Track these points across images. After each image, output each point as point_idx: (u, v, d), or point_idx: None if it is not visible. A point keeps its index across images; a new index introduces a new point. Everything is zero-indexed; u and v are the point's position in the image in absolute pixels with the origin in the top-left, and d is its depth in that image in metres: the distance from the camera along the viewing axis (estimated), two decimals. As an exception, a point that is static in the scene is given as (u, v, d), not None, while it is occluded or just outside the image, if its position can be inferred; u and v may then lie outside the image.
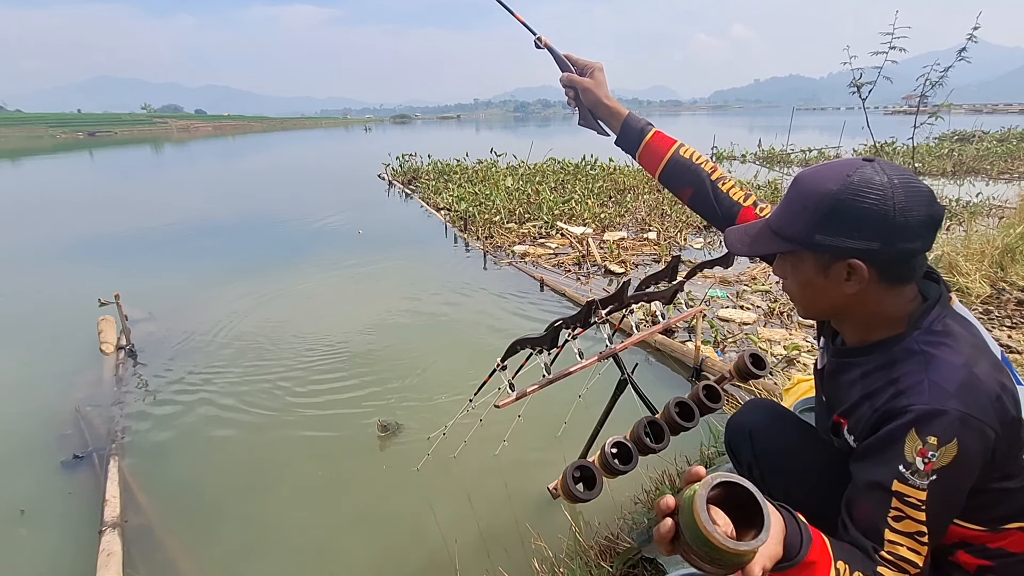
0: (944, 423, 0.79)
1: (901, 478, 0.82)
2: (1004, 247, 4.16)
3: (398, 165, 13.52)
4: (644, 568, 1.60)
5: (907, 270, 0.88)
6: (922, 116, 5.11)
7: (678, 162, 1.25)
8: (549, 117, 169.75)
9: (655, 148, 1.26)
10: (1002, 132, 17.21)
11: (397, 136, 40.57)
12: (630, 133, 1.29)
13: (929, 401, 0.81)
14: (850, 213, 0.85)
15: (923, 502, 0.81)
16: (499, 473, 2.41)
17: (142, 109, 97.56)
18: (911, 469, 0.81)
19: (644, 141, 1.27)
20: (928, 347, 0.86)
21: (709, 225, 7.24)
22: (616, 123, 1.30)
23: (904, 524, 0.82)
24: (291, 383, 3.29)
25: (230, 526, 2.24)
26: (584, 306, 1.89)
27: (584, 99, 1.31)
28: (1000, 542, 0.92)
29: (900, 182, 0.84)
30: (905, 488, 0.81)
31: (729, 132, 22.48)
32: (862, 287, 0.89)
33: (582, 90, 1.30)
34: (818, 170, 0.91)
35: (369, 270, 5.70)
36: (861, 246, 0.85)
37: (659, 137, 1.27)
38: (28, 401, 3.17)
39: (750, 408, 1.24)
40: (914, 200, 0.83)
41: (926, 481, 0.80)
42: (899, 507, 0.82)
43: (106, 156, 27.53)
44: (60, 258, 6.59)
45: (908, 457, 0.81)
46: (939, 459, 0.79)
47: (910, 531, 0.82)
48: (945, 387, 0.81)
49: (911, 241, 0.84)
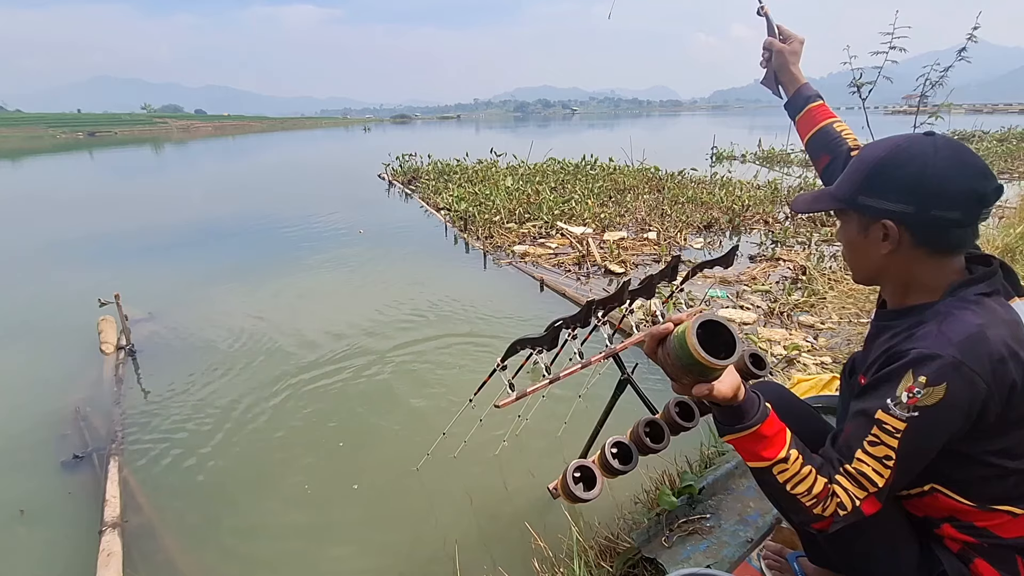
0: (936, 365, 0.83)
1: (885, 408, 0.87)
2: (1004, 247, 4.16)
3: (398, 165, 13.52)
4: (644, 568, 1.60)
5: (944, 239, 0.91)
6: (922, 116, 5.10)
7: (827, 132, 1.35)
8: (549, 117, 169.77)
9: (813, 116, 1.38)
10: (1002, 132, 17.23)
11: (397, 136, 40.56)
12: (798, 100, 1.42)
13: (930, 346, 0.85)
14: (889, 176, 0.91)
15: (899, 431, 0.85)
16: (499, 473, 2.41)
17: (142, 109, 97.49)
18: (896, 402, 0.86)
19: (806, 108, 1.39)
20: (953, 308, 0.89)
21: (709, 225, 7.24)
22: (791, 89, 1.43)
23: (877, 449, 0.87)
24: (291, 382, 3.29)
25: (230, 526, 2.24)
26: (584, 306, 1.89)
27: (775, 61, 1.44)
28: (987, 522, 0.94)
29: (947, 154, 0.88)
30: (886, 416, 0.86)
31: (729, 132, 22.45)
32: (897, 249, 0.93)
33: (776, 52, 1.43)
34: (880, 140, 0.98)
35: (370, 270, 5.70)
36: (896, 208, 0.90)
37: (821, 108, 1.38)
38: (28, 401, 3.17)
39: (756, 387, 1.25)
40: (956, 171, 0.87)
41: (907, 414, 0.85)
42: (877, 433, 0.87)
43: (106, 156, 27.53)
44: (60, 258, 6.59)
45: (898, 392, 0.86)
46: (924, 397, 0.83)
47: (880, 455, 0.87)
48: (950, 336, 0.85)
49: (947, 210, 0.87)
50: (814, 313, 3.89)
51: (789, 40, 1.43)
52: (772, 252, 5.58)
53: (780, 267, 5.19)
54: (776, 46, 1.43)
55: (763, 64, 1.47)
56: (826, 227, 6.49)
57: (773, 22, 1.45)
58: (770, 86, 1.47)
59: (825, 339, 3.48)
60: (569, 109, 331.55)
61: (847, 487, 0.89)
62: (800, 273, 4.83)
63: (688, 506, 1.73)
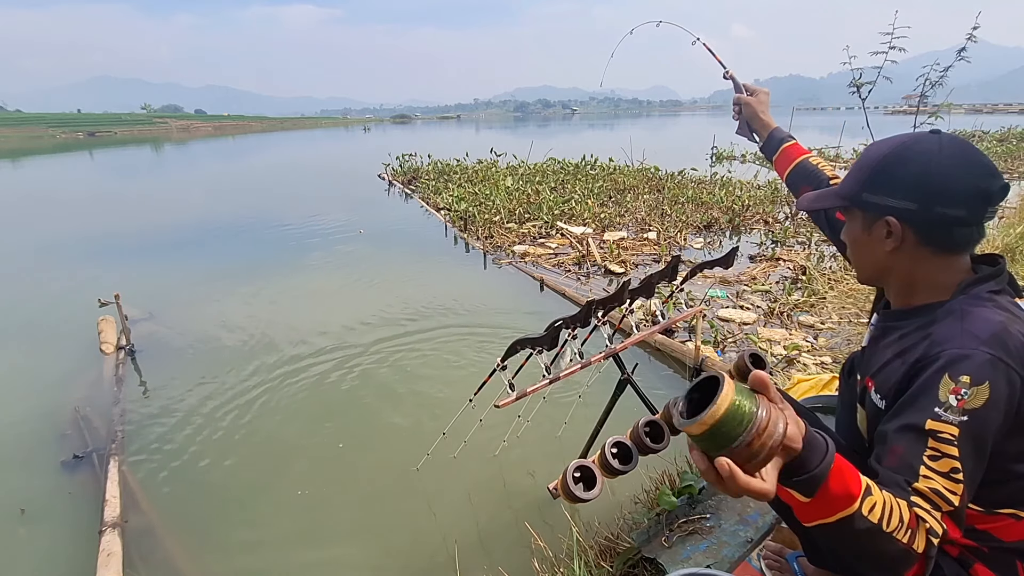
0: (974, 363, 0.81)
1: (935, 416, 0.81)
2: (1004, 247, 4.17)
3: (398, 165, 13.52)
4: (644, 568, 1.60)
5: (949, 237, 0.90)
6: (922, 116, 5.10)
7: (804, 167, 1.46)
8: (549, 117, 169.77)
9: (788, 154, 1.50)
10: (1002, 132, 17.23)
11: (397, 136, 40.55)
12: (772, 142, 1.55)
13: (961, 345, 0.83)
14: (893, 173, 0.91)
15: (956, 437, 0.79)
16: (499, 473, 2.41)
17: (142, 109, 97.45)
18: (944, 406, 0.81)
19: (781, 148, 1.52)
20: (969, 306, 0.88)
21: (709, 225, 7.23)
22: (764, 133, 1.57)
23: (940, 463, 0.79)
24: (291, 382, 3.29)
25: (230, 525, 2.24)
26: (584, 306, 1.90)
27: (745, 112, 1.60)
28: (990, 525, 0.92)
29: (952, 151, 0.88)
30: (938, 424, 0.80)
31: (729, 132, 22.42)
32: (900, 247, 0.93)
33: (744, 105, 1.60)
34: (885, 138, 0.98)
35: (370, 270, 5.70)
36: (899, 205, 0.90)
37: (794, 146, 1.51)
38: (28, 401, 3.17)
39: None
40: (961, 170, 0.87)
41: (958, 418, 0.80)
42: (935, 445, 0.80)
43: (106, 156, 27.53)
44: (60, 258, 6.59)
45: (942, 398, 0.81)
46: (971, 399, 0.80)
47: (945, 469, 0.79)
48: (976, 334, 0.83)
49: (951, 207, 0.87)
50: (814, 313, 3.89)
51: (756, 93, 1.59)
52: (772, 252, 5.58)
53: (780, 267, 5.19)
54: (744, 100, 1.60)
55: (735, 117, 1.64)
56: (826, 227, 6.48)
57: (739, 82, 1.65)
58: (744, 134, 1.65)
59: (825, 339, 3.48)
60: (569, 109, 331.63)
61: (928, 509, 0.78)
62: (800, 273, 4.83)
63: (688, 506, 1.73)
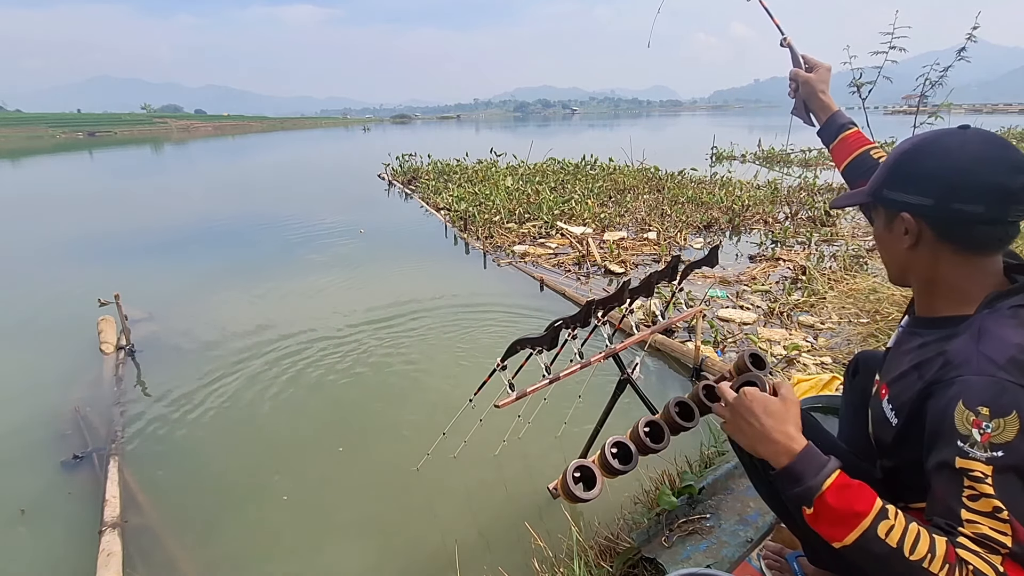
0: (992, 392, 0.76)
1: (961, 453, 0.76)
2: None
3: (398, 165, 13.53)
4: (644, 568, 1.60)
5: (968, 235, 0.86)
6: (922, 116, 5.10)
7: (863, 160, 1.32)
8: (549, 117, 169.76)
9: (848, 144, 1.36)
10: (1002, 132, 17.23)
11: (397, 136, 40.56)
12: (831, 127, 1.40)
13: (975, 371, 0.78)
14: (911, 169, 0.89)
15: (989, 476, 0.75)
16: (499, 473, 2.41)
17: (142, 109, 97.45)
18: (969, 442, 0.76)
19: (841, 136, 1.38)
20: (989, 323, 0.83)
21: (709, 225, 7.23)
22: (823, 116, 1.41)
23: (980, 503, 0.75)
24: (290, 382, 3.29)
25: (230, 526, 2.24)
26: (584, 306, 1.90)
27: (802, 90, 1.43)
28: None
29: (975, 147, 0.85)
30: (968, 463, 0.76)
31: (729, 132, 22.44)
32: (918, 245, 0.90)
33: (802, 82, 1.43)
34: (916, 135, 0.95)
35: (370, 270, 5.70)
36: (914, 201, 0.88)
37: (856, 135, 1.36)
38: (28, 401, 3.17)
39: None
40: (981, 165, 0.83)
41: (987, 454, 0.75)
42: (971, 485, 0.76)
43: (106, 156, 27.53)
44: (60, 258, 6.59)
45: (962, 430, 0.77)
46: (999, 433, 0.75)
47: (987, 509, 0.75)
48: (994, 359, 0.78)
49: (968, 204, 0.83)
50: (814, 313, 3.89)
51: (816, 69, 1.42)
52: (772, 252, 5.58)
53: (780, 267, 5.19)
54: (802, 76, 1.43)
55: (791, 94, 1.47)
56: (826, 227, 6.49)
57: (798, 52, 1.46)
58: (800, 115, 1.47)
59: (825, 339, 3.48)
60: (569, 109, 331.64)
61: (976, 550, 0.74)
62: (800, 273, 4.83)
63: (688, 506, 1.73)
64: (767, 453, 0.92)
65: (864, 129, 5.51)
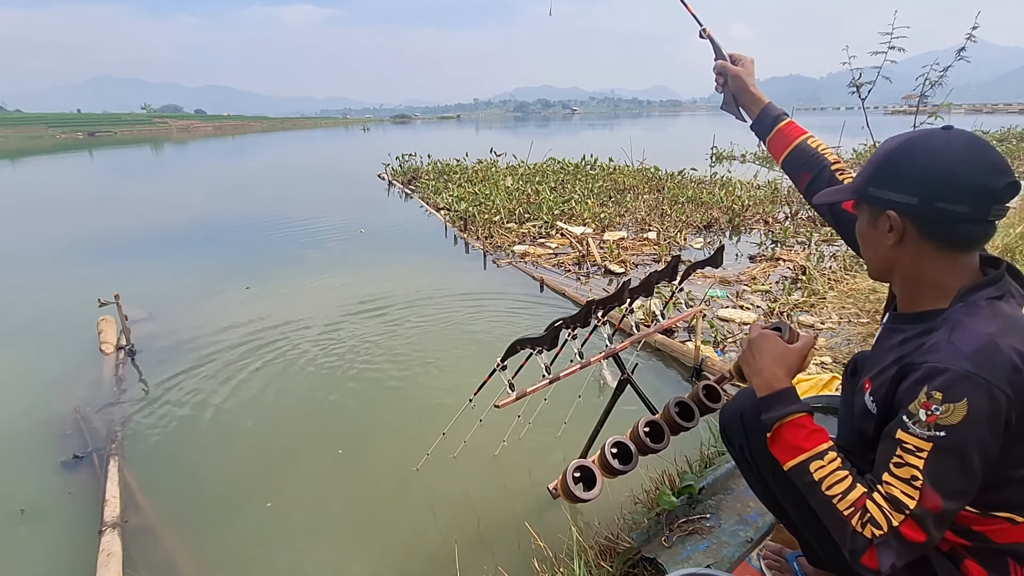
0: (949, 379, 0.82)
1: (904, 427, 0.85)
2: (1004, 247, 4.17)
3: (398, 165, 13.53)
4: (644, 568, 1.60)
5: (952, 234, 0.89)
6: (922, 116, 5.11)
7: (803, 150, 1.33)
8: (549, 117, 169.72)
9: (785, 135, 1.36)
10: (1002, 132, 17.23)
11: (397, 136, 40.55)
12: (765, 120, 1.39)
13: (942, 360, 0.84)
14: (896, 168, 0.91)
15: (922, 450, 0.83)
16: (499, 473, 2.42)
17: (142, 109, 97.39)
18: (914, 420, 0.84)
19: (776, 128, 1.37)
20: (962, 316, 0.87)
21: (709, 225, 7.23)
22: (756, 109, 1.40)
23: (902, 470, 0.85)
24: (290, 382, 3.29)
25: (230, 526, 2.24)
26: (584, 306, 1.89)
27: (731, 84, 1.41)
28: (985, 527, 0.93)
29: (960, 147, 0.87)
30: (906, 436, 0.85)
31: (729, 132, 22.42)
32: (903, 242, 0.93)
33: (731, 76, 1.40)
34: (900, 134, 0.97)
35: (370, 270, 5.70)
36: (900, 199, 0.90)
37: (791, 126, 1.36)
38: (28, 401, 3.17)
39: (743, 394, 1.27)
40: (965, 165, 0.86)
41: (928, 432, 0.83)
42: (900, 454, 0.86)
43: (106, 156, 27.53)
44: (60, 258, 6.59)
45: (912, 409, 0.85)
46: (946, 416, 0.82)
47: (905, 476, 0.85)
48: (961, 349, 0.83)
49: (952, 203, 0.86)
50: (814, 313, 3.89)
51: (740, 61, 1.40)
52: (772, 252, 5.58)
53: (780, 267, 5.19)
54: (730, 69, 1.40)
55: (719, 89, 1.44)
56: (826, 227, 6.49)
57: (719, 45, 1.41)
58: (731, 110, 1.44)
59: (825, 339, 3.48)
60: (569, 109, 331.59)
61: (881, 504, 0.86)
62: (800, 273, 4.83)
63: (688, 506, 1.73)
64: (756, 384, 1.07)
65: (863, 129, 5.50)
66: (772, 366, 1.06)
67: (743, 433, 1.21)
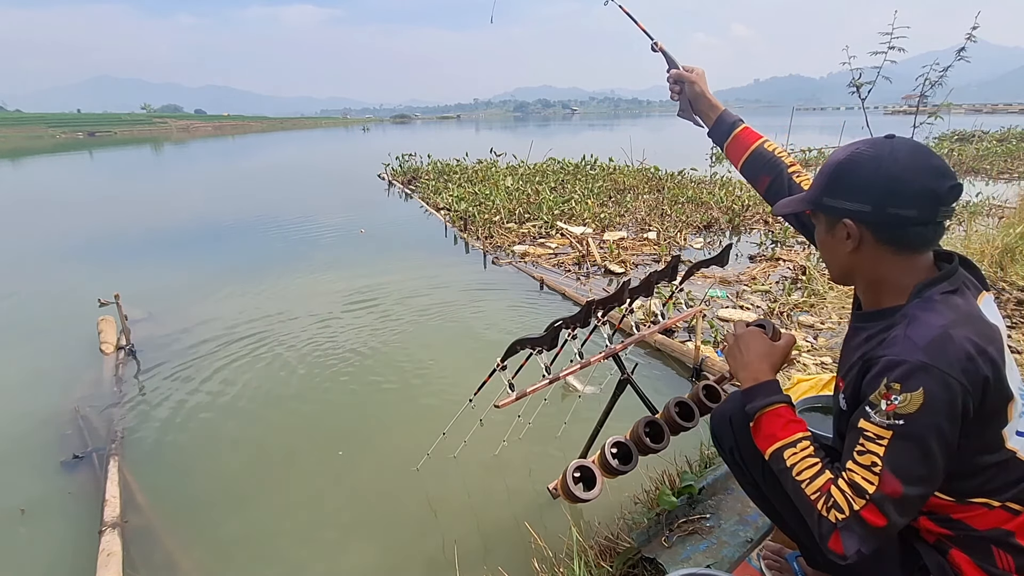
0: (906, 371, 0.86)
1: (866, 416, 0.90)
2: (1004, 247, 4.16)
3: (398, 165, 13.53)
4: (644, 568, 1.60)
5: (905, 236, 0.94)
6: (922, 116, 5.10)
7: (760, 154, 1.37)
8: (549, 117, 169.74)
9: (742, 140, 1.40)
10: (1002, 132, 17.21)
11: (397, 136, 40.55)
12: (722, 126, 1.43)
13: (899, 352, 0.88)
14: (847, 178, 0.96)
15: (884, 439, 0.88)
16: (499, 473, 2.42)
17: (142, 109, 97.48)
18: (875, 410, 0.89)
19: (733, 134, 1.41)
20: (917, 310, 0.92)
21: (709, 225, 7.23)
22: (712, 116, 1.44)
23: (864, 457, 0.90)
24: (291, 383, 3.29)
25: (230, 526, 2.24)
26: (584, 306, 1.89)
27: (688, 92, 1.45)
28: (963, 514, 0.97)
29: (903, 155, 0.92)
30: (868, 425, 0.90)
31: (729, 132, 22.42)
32: (860, 248, 0.98)
33: (688, 83, 1.44)
34: (845, 145, 1.02)
35: (370, 269, 5.70)
36: (854, 208, 0.95)
37: (747, 131, 1.41)
38: (28, 401, 3.17)
39: (731, 398, 1.29)
40: (910, 172, 0.91)
41: (888, 421, 0.87)
42: (863, 442, 0.90)
43: (106, 156, 27.53)
44: (60, 258, 6.59)
45: (874, 400, 0.89)
46: (904, 404, 0.86)
47: (866, 463, 0.89)
48: (916, 341, 0.88)
49: (902, 208, 0.91)
50: (814, 313, 3.90)
51: (692, 70, 1.45)
52: (772, 252, 5.58)
53: (780, 267, 5.19)
54: (686, 77, 1.44)
55: (674, 97, 1.47)
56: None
57: (672, 56, 1.46)
58: (688, 117, 1.47)
59: (825, 339, 3.48)
60: (569, 109, 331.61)
61: (844, 490, 0.91)
62: (800, 273, 4.83)
63: (688, 506, 1.73)
64: (743, 377, 1.14)
65: (863, 129, 5.53)
66: (758, 361, 1.13)
67: (732, 436, 1.23)
